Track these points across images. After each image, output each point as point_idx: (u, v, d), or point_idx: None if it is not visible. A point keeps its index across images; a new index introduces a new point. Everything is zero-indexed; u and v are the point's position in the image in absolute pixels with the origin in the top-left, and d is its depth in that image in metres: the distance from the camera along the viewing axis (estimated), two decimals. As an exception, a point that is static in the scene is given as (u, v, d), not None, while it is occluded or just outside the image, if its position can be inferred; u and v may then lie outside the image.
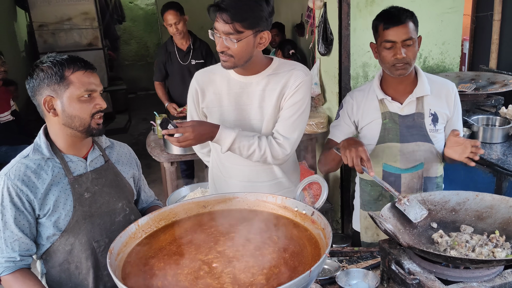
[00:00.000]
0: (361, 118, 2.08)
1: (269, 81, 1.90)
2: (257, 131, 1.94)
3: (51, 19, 7.04)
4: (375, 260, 1.84)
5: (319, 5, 3.45)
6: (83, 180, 1.61)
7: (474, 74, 3.50)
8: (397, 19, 1.88)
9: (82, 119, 1.56)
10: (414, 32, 1.90)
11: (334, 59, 3.41)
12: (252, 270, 1.24)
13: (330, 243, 1.21)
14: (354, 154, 1.73)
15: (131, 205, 1.75)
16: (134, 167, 1.82)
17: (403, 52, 1.88)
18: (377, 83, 2.06)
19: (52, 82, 1.52)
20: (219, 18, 1.70)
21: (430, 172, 2.06)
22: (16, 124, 4.46)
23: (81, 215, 1.59)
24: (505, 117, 2.96)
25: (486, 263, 1.30)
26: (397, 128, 2.01)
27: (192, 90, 2.00)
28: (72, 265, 1.61)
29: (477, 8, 3.90)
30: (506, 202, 1.62)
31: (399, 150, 2.01)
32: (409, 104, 2.01)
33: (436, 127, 2.02)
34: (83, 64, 1.55)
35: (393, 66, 1.92)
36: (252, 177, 2.00)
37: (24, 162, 1.56)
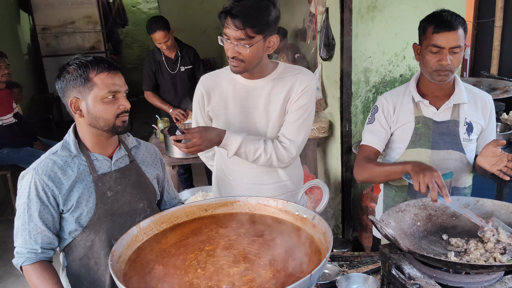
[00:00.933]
0: (395, 120, 2.02)
1: (275, 85, 1.91)
2: (262, 134, 1.95)
3: (54, 22, 7.08)
4: (376, 265, 1.84)
5: (321, 11, 3.47)
6: (107, 179, 1.65)
7: (475, 80, 3.52)
8: (449, 24, 1.81)
9: (106, 119, 1.59)
10: (463, 40, 1.84)
11: (335, 64, 3.42)
12: (253, 273, 1.25)
13: (331, 248, 1.21)
14: (429, 179, 1.62)
15: (152, 206, 1.78)
16: (159, 168, 1.85)
17: (449, 59, 1.82)
18: (414, 85, 2.01)
19: (77, 84, 1.56)
20: (230, 25, 1.72)
21: (459, 182, 2.01)
22: (19, 126, 4.47)
23: (103, 213, 1.63)
24: (506, 123, 2.97)
25: (486, 269, 1.31)
26: (430, 134, 1.95)
27: (198, 94, 2.01)
28: (92, 260, 1.66)
29: (478, 14, 3.93)
30: (507, 208, 1.63)
31: (429, 157, 1.96)
32: (445, 111, 1.96)
33: (470, 137, 1.96)
34: (106, 66, 1.58)
35: (435, 71, 1.87)
36: (256, 180, 2.01)
37: (52, 158, 1.61)
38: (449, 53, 1.82)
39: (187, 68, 4.10)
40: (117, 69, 1.61)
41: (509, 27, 3.58)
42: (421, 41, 1.92)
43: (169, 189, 1.93)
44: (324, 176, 3.97)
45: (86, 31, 7.27)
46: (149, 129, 7.04)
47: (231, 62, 1.80)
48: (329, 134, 3.65)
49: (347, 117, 3.35)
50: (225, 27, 1.75)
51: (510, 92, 3.09)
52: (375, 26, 3.29)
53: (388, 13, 3.28)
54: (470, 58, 4.10)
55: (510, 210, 1.61)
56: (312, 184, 1.52)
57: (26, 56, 7.35)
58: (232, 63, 1.80)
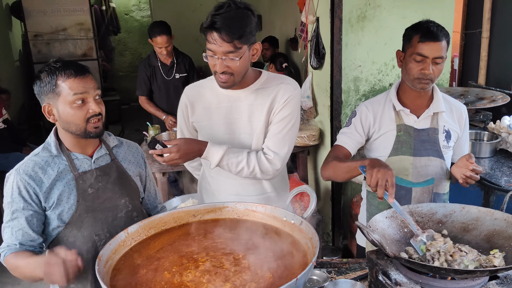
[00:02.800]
0: (377, 129, 2.05)
1: (257, 96, 1.88)
2: (247, 145, 1.93)
3: (46, 29, 7.06)
4: (364, 271, 1.85)
5: (312, 20, 3.51)
6: (88, 177, 1.68)
7: (463, 89, 3.57)
8: (434, 35, 1.86)
9: (76, 124, 1.61)
10: (445, 52, 1.89)
11: (326, 73, 3.46)
12: (240, 278, 1.25)
13: (317, 252, 1.22)
14: (381, 175, 1.64)
15: (134, 202, 1.79)
16: (141, 166, 1.87)
17: (431, 69, 1.87)
18: (394, 94, 2.05)
19: (47, 90, 1.59)
20: (216, 39, 1.66)
21: (439, 188, 2.06)
22: (8, 132, 4.45)
23: (84, 209, 1.66)
24: (493, 132, 3.01)
25: (470, 274, 1.33)
26: (412, 141, 2.00)
27: (182, 105, 2.00)
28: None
29: (466, 25, 3.99)
30: (492, 215, 1.65)
31: (411, 164, 2.00)
32: (425, 119, 2.01)
33: (449, 144, 2.03)
34: (73, 71, 1.59)
35: (417, 79, 1.91)
36: (240, 191, 1.99)
37: (34, 159, 1.66)
38: (431, 63, 1.87)
39: (182, 75, 4.11)
40: (85, 73, 1.61)
41: (496, 38, 3.65)
42: (406, 49, 1.96)
43: (151, 188, 1.95)
44: (314, 184, 3.99)
45: (78, 38, 7.25)
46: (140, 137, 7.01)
47: (220, 78, 1.75)
48: (319, 142, 3.67)
49: (337, 125, 3.38)
50: (209, 42, 1.69)
51: (497, 102, 3.14)
52: (365, 35, 3.33)
53: (378, 23, 3.33)
54: (458, 68, 4.16)
55: (495, 217, 1.63)
56: (300, 190, 1.54)
57: (17, 62, 7.33)
58: (221, 79, 1.76)
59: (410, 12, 3.41)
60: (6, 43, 6.89)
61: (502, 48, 3.61)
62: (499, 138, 2.92)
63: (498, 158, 2.87)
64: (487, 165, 2.78)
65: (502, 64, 3.63)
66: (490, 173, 2.66)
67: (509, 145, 2.88)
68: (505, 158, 2.86)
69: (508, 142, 2.89)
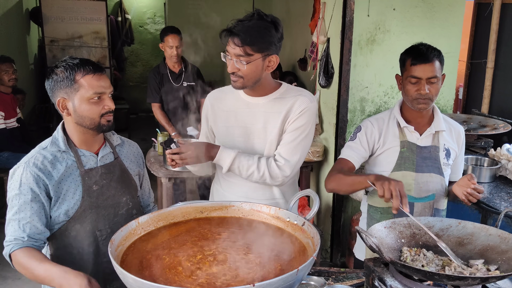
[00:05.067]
0: (381, 145, 2.13)
1: (275, 104, 1.99)
2: (259, 151, 2.01)
3: (63, 35, 7.25)
4: (360, 280, 1.90)
5: (322, 40, 3.63)
6: (93, 174, 1.73)
7: (466, 116, 3.66)
8: (425, 57, 1.96)
9: (92, 119, 1.68)
10: (439, 71, 1.99)
11: (333, 92, 3.55)
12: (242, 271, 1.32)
13: (318, 249, 1.29)
14: (393, 187, 1.71)
15: (134, 200, 1.87)
16: (140, 165, 1.95)
17: (427, 89, 1.96)
18: (398, 111, 2.14)
19: (64, 85, 1.65)
20: (230, 42, 1.84)
21: (438, 204, 2.13)
22: (20, 131, 4.55)
23: (88, 205, 1.71)
24: (494, 159, 3.08)
25: (462, 280, 1.38)
26: (414, 158, 2.07)
27: (205, 108, 2.12)
28: (75, 249, 1.72)
29: (472, 55, 4.10)
30: (486, 231, 1.71)
31: (414, 179, 2.07)
32: (427, 137, 2.10)
33: (448, 162, 2.11)
34: (91, 68, 1.66)
35: (415, 100, 2.01)
36: (249, 194, 2.05)
37: (42, 153, 1.70)
38: (427, 83, 1.97)
39: (190, 84, 4.23)
40: (102, 71, 1.69)
41: (500, 68, 3.75)
42: (402, 72, 2.08)
43: (145, 187, 2.01)
44: (315, 200, 4.04)
45: (93, 46, 7.44)
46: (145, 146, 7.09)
47: (231, 77, 1.91)
48: (323, 159, 3.75)
49: (342, 143, 3.46)
50: (227, 44, 1.87)
51: (499, 130, 3.22)
52: (373, 58, 3.45)
53: (386, 47, 3.45)
54: (463, 97, 4.26)
55: (489, 233, 1.69)
56: (304, 193, 1.61)
57: (32, 66, 7.50)
58: (232, 79, 1.91)
59: (418, 39, 3.52)
60: (23, 47, 7.07)
61: (506, 79, 3.71)
62: (499, 165, 2.99)
63: (497, 183, 2.94)
64: (486, 190, 2.84)
65: (505, 94, 3.72)
66: (488, 197, 2.72)
67: (509, 172, 2.95)
68: (504, 184, 2.93)
69: (508, 169, 2.96)
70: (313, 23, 4.05)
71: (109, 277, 1.76)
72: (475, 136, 3.32)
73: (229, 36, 1.84)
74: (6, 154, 4.33)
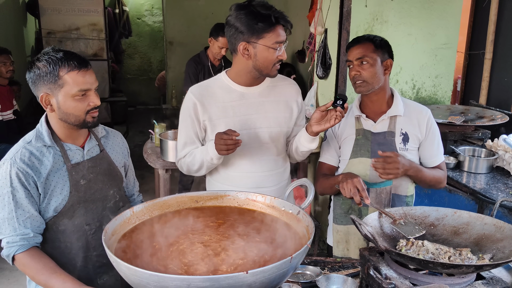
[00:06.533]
0: (340, 135, 2.22)
1: (270, 92, 2.06)
2: (263, 139, 2.05)
3: (60, 27, 7.20)
4: (356, 269, 1.91)
5: (320, 31, 3.62)
6: (80, 168, 1.70)
7: (464, 108, 3.65)
8: (354, 41, 2.11)
9: (76, 116, 1.63)
10: (371, 53, 2.04)
11: (331, 82, 3.55)
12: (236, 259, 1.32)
13: (312, 237, 1.29)
14: (351, 185, 1.89)
15: (121, 192, 1.85)
16: (125, 156, 1.93)
17: (356, 70, 2.05)
18: (356, 103, 2.22)
19: (47, 80, 1.57)
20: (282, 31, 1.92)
21: (399, 190, 2.15)
22: (17, 123, 4.53)
23: (76, 200, 1.68)
24: (491, 150, 3.08)
25: (457, 268, 1.39)
26: (369, 144, 2.13)
27: (189, 104, 2.02)
28: (63, 244, 1.69)
29: (470, 46, 4.09)
30: (482, 220, 1.71)
31: (369, 165, 2.11)
32: (382, 122, 2.14)
33: (406, 146, 2.13)
34: (76, 64, 1.58)
35: (354, 84, 2.10)
36: (259, 183, 2.08)
37: (28, 148, 1.64)
38: (357, 65, 2.06)
39: None
40: (87, 66, 1.61)
41: (498, 59, 3.74)
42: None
43: (130, 177, 1.99)
44: (313, 192, 4.04)
45: (90, 38, 7.39)
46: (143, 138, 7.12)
47: (276, 67, 1.97)
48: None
49: (339, 134, 3.46)
50: (279, 35, 1.91)
51: (496, 121, 3.21)
52: (370, 49, 3.42)
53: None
54: (461, 88, 4.25)
55: (485, 222, 1.70)
56: (299, 183, 1.60)
57: (29, 58, 7.46)
58: (277, 67, 1.99)
59: (416, 29, 3.52)
60: (20, 39, 7.03)
61: (504, 70, 3.70)
62: (496, 156, 2.99)
63: (494, 174, 2.94)
64: (483, 181, 2.85)
65: (503, 85, 3.72)
66: (485, 188, 2.72)
67: (506, 162, 2.95)
68: (501, 175, 2.93)
69: (505, 159, 2.95)
70: (311, 14, 4.02)
71: (99, 270, 1.78)
72: (472, 127, 3.31)
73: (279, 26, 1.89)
74: (2, 146, 4.30)
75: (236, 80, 2.03)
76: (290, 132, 2.15)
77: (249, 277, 1.09)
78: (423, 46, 3.57)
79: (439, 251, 1.55)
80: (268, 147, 2.07)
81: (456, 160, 3.03)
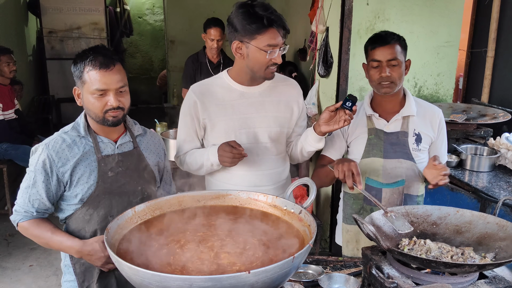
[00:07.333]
0: (350, 133, 2.19)
1: (271, 92, 2.05)
2: (262, 140, 2.05)
3: (61, 26, 7.22)
4: (358, 269, 1.91)
5: (321, 30, 3.61)
6: (109, 160, 1.76)
7: (466, 106, 3.64)
8: (383, 40, 2.04)
9: (95, 113, 1.70)
10: (400, 54, 2.02)
11: (332, 81, 3.54)
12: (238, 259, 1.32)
13: (314, 236, 1.28)
14: (346, 168, 1.84)
15: (149, 190, 1.87)
16: (161, 156, 1.95)
17: (388, 71, 2.00)
18: (367, 101, 2.19)
19: (77, 75, 1.69)
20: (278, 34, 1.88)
21: (411, 190, 2.14)
22: (18, 123, 4.55)
23: (102, 190, 1.74)
24: (493, 148, 3.07)
25: (459, 267, 1.38)
26: (381, 144, 2.10)
27: (190, 102, 2.03)
28: (88, 234, 1.76)
29: (472, 44, 4.07)
30: (484, 219, 1.71)
31: (382, 165, 2.10)
32: (395, 122, 2.12)
33: (419, 147, 2.11)
34: (98, 63, 1.64)
35: (379, 84, 2.05)
36: (257, 182, 2.07)
37: (63, 136, 1.75)
38: (387, 66, 2.01)
39: None
40: (109, 66, 1.64)
41: (500, 57, 3.72)
42: (367, 60, 2.12)
43: (167, 179, 2.02)
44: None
45: (91, 37, 7.40)
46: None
47: (271, 69, 1.93)
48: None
49: (341, 133, 3.45)
50: (273, 38, 1.87)
51: (498, 119, 3.20)
52: (372, 47, 3.42)
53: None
54: (463, 86, 4.24)
55: (487, 221, 1.69)
56: (301, 182, 1.60)
57: (31, 57, 7.47)
58: (272, 70, 1.95)
59: (418, 27, 3.51)
60: (21, 38, 7.04)
61: (506, 68, 3.69)
62: (498, 154, 2.98)
63: (497, 173, 2.93)
64: (485, 179, 2.84)
65: (505, 83, 3.71)
66: (487, 186, 2.71)
67: (508, 161, 2.94)
68: (503, 173, 2.92)
69: (507, 158, 2.95)
70: (312, 12, 4.02)
71: None
72: (474, 126, 3.30)
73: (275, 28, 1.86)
74: (5, 146, 4.32)
75: (237, 80, 2.03)
76: (290, 132, 2.15)
77: (251, 277, 1.08)
78: (425, 44, 3.56)
79: (442, 250, 1.55)
80: (267, 146, 2.07)
81: (458, 159, 3.02)
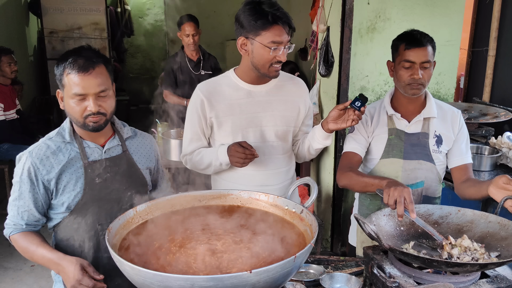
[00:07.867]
0: (371, 132, 2.15)
1: (278, 91, 2.06)
2: (269, 137, 2.06)
3: (62, 26, 7.21)
4: (359, 268, 1.91)
5: (322, 29, 3.61)
6: (97, 166, 1.71)
7: (467, 105, 3.63)
8: (419, 42, 1.99)
9: (75, 118, 1.65)
10: (432, 56, 2.00)
11: (333, 81, 3.53)
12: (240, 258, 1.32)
13: (316, 236, 1.28)
14: (398, 194, 1.65)
15: (140, 195, 1.81)
16: (152, 160, 1.89)
17: (420, 74, 1.97)
18: (388, 100, 2.16)
19: (58, 78, 1.65)
20: (284, 31, 1.88)
21: (429, 192, 2.13)
22: (20, 123, 4.55)
23: (90, 198, 1.69)
24: (494, 147, 3.06)
25: (461, 267, 1.38)
26: (402, 145, 2.08)
27: (196, 101, 2.03)
28: (76, 242, 1.72)
29: (473, 43, 4.07)
30: (486, 218, 1.71)
31: (402, 166, 2.08)
32: (416, 123, 2.10)
33: (440, 149, 2.10)
34: (77, 67, 1.57)
35: (408, 85, 2.01)
36: (264, 182, 2.09)
37: (47, 142, 1.71)
38: (420, 68, 1.98)
39: (208, 73, 4.24)
40: (88, 69, 1.57)
41: (502, 56, 3.72)
42: (394, 58, 2.09)
43: (162, 183, 1.98)
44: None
45: (92, 37, 7.39)
46: (146, 137, 7.10)
47: (276, 67, 1.94)
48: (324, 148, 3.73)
49: (342, 132, 3.45)
50: (277, 35, 1.88)
51: (500, 118, 3.20)
52: (373, 46, 3.42)
53: (387, 36, 3.41)
54: (464, 85, 4.23)
55: (489, 220, 1.69)
56: (303, 181, 1.60)
57: (32, 57, 7.47)
58: (276, 68, 1.95)
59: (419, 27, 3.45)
60: (22, 38, 7.04)
61: (508, 67, 3.68)
62: (499, 153, 2.98)
63: (498, 172, 2.92)
64: (487, 178, 2.83)
65: (507, 82, 3.70)
66: (489, 185, 2.71)
67: (509, 160, 2.94)
68: (504, 172, 2.91)
69: (509, 157, 2.94)
70: (313, 12, 4.01)
71: (110, 273, 1.72)
72: (476, 125, 3.30)
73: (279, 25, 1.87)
74: (6, 146, 4.33)
75: (243, 78, 2.03)
76: (297, 131, 2.15)
77: (253, 276, 1.08)
78: (426, 44, 3.55)
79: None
80: (274, 145, 2.07)
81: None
